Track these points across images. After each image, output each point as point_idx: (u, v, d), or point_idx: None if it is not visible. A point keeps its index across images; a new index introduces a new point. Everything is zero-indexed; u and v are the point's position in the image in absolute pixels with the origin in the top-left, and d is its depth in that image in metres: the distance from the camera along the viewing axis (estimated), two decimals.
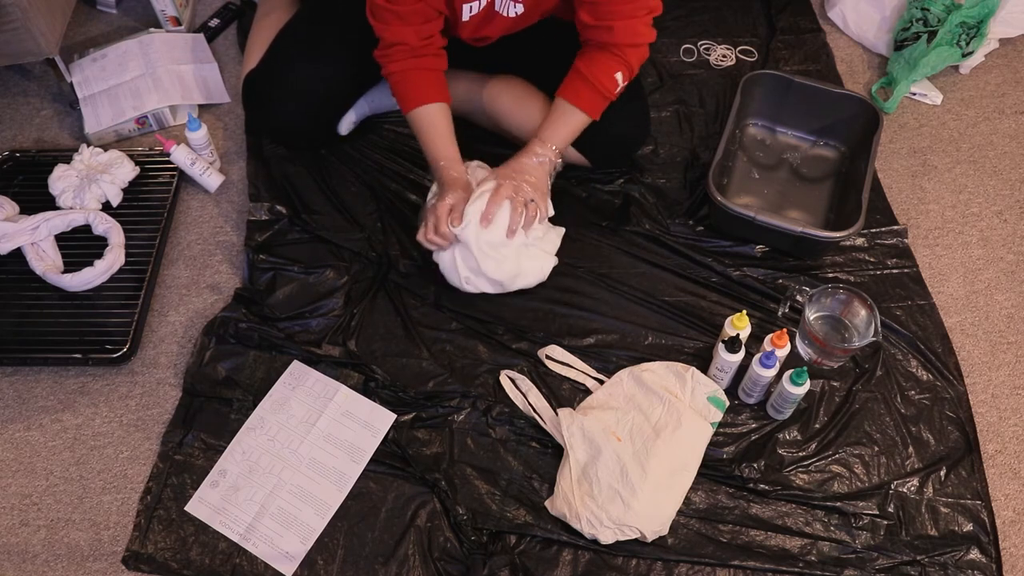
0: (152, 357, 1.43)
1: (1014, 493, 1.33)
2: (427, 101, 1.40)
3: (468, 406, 1.36)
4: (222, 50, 1.87)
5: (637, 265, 1.53)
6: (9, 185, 1.60)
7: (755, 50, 1.90)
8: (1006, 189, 1.69)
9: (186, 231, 1.59)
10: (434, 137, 1.41)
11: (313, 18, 1.57)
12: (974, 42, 1.77)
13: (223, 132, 1.74)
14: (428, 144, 1.42)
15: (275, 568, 1.22)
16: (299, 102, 1.53)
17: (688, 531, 1.26)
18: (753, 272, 1.52)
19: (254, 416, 1.35)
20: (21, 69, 1.83)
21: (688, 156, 1.69)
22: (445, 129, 1.42)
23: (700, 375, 1.35)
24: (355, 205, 1.59)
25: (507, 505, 1.27)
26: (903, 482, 1.31)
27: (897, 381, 1.41)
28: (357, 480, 1.29)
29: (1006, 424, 1.39)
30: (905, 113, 1.81)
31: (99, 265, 1.45)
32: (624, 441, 1.28)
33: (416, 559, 1.23)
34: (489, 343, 1.43)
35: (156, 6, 1.83)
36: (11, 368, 1.42)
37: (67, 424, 1.36)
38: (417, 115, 1.41)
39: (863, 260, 1.55)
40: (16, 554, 1.25)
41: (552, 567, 1.23)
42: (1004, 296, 1.54)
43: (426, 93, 1.40)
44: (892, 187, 1.68)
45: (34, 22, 1.52)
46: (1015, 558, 1.27)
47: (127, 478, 1.31)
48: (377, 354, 1.41)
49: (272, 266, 1.51)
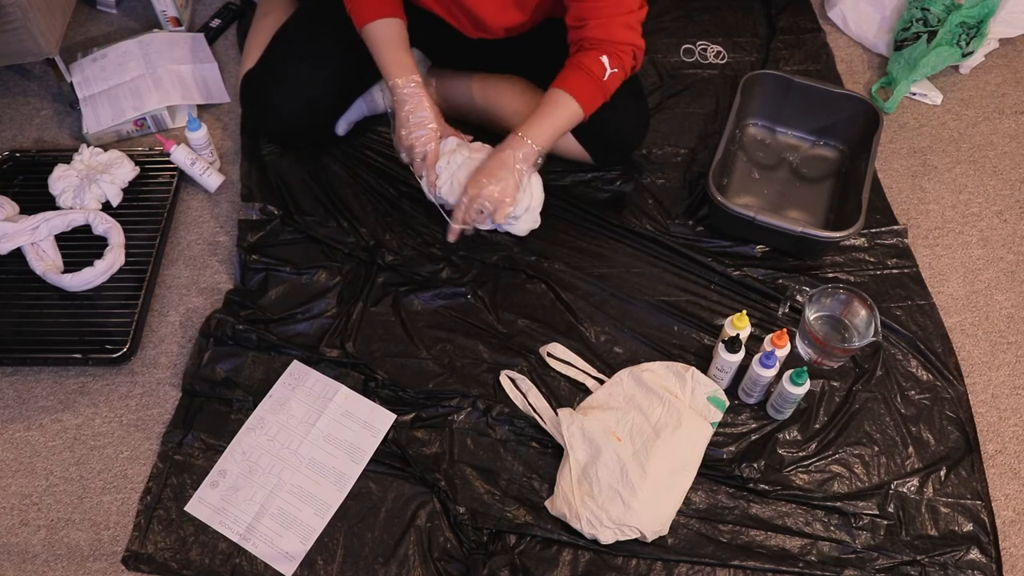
0: (152, 357, 1.43)
1: (1014, 493, 1.33)
2: (382, 15, 1.38)
3: (468, 406, 1.36)
4: (222, 50, 1.87)
5: (637, 265, 1.53)
6: (9, 185, 1.60)
7: (755, 50, 1.90)
8: (1006, 189, 1.69)
9: (186, 231, 1.59)
10: (391, 51, 1.39)
11: (311, 18, 1.57)
12: (974, 42, 1.77)
13: (223, 132, 1.74)
14: (383, 57, 1.40)
15: (275, 568, 1.22)
16: (297, 102, 1.53)
17: (688, 531, 1.26)
18: (753, 272, 1.52)
19: (254, 416, 1.35)
20: (21, 69, 1.83)
21: (688, 156, 1.69)
22: (401, 42, 1.39)
23: (700, 375, 1.35)
24: (350, 206, 1.58)
25: (507, 505, 1.27)
26: (903, 482, 1.31)
27: (897, 381, 1.41)
28: (357, 480, 1.29)
29: (1006, 424, 1.39)
30: (905, 113, 1.81)
31: (99, 265, 1.45)
32: (624, 441, 1.28)
33: (416, 559, 1.23)
34: (489, 342, 1.43)
35: (156, 6, 1.83)
36: (11, 368, 1.42)
37: (67, 424, 1.36)
38: (371, 29, 1.38)
39: (863, 260, 1.55)
40: (16, 554, 1.25)
41: (552, 567, 1.23)
42: (1004, 296, 1.54)
43: (379, 8, 1.38)
44: (892, 187, 1.68)
45: (34, 22, 1.52)
46: (1015, 558, 1.27)
47: (127, 478, 1.31)
48: (376, 354, 1.41)
49: (264, 267, 1.51)
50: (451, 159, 1.42)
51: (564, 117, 1.39)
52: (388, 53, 1.39)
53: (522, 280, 1.51)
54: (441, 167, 1.42)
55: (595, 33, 1.34)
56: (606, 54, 1.35)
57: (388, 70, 1.40)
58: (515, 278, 1.51)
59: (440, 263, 1.51)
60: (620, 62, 1.36)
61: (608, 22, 1.33)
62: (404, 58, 1.40)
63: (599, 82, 1.36)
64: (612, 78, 1.37)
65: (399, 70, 1.39)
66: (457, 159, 1.41)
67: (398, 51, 1.40)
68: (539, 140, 1.38)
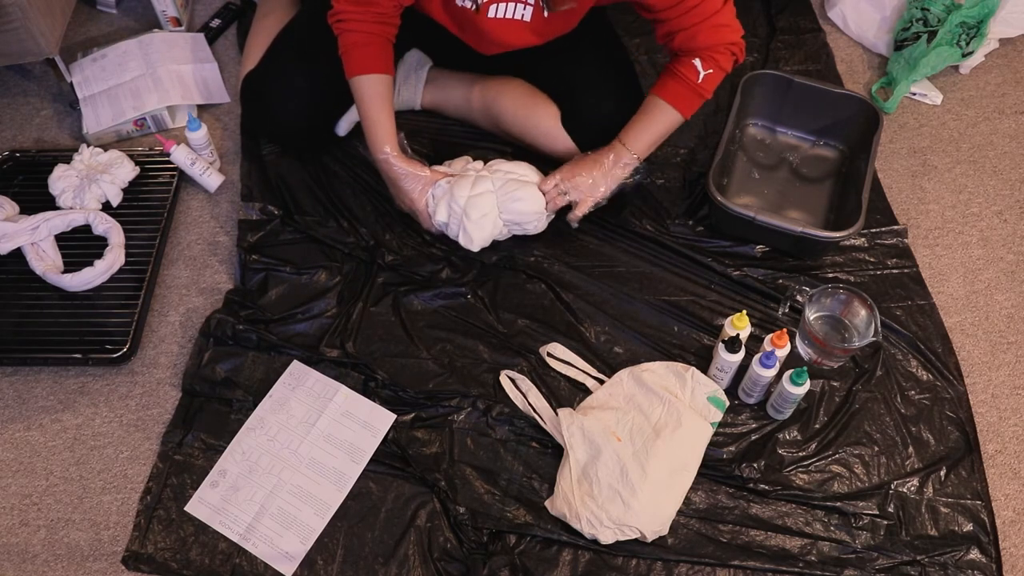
0: (152, 357, 1.43)
1: (1014, 493, 1.33)
2: (374, 71, 1.39)
3: (468, 406, 1.36)
4: (222, 50, 1.87)
5: (637, 265, 1.53)
6: (9, 185, 1.60)
7: (755, 50, 1.90)
8: (1006, 189, 1.69)
9: (186, 231, 1.59)
10: (379, 111, 1.40)
11: (313, 19, 1.56)
12: (974, 42, 1.77)
13: (223, 132, 1.74)
14: (369, 114, 1.41)
15: (275, 568, 1.22)
16: (297, 103, 1.53)
17: (688, 531, 1.26)
18: (753, 272, 1.52)
19: (254, 416, 1.35)
20: (21, 69, 1.83)
21: (688, 156, 1.69)
22: (387, 102, 1.41)
23: (700, 375, 1.35)
24: (350, 206, 1.58)
25: (507, 505, 1.27)
26: (903, 482, 1.31)
27: (897, 381, 1.41)
28: (357, 480, 1.29)
29: (1006, 424, 1.39)
30: (905, 113, 1.81)
31: (99, 265, 1.45)
32: (624, 441, 1.28)
33: (416, 559, 1.23)
34: (489, 343, 1.43)
35: (156, 6, 1.83)
36: (11, 368, 1.42)
37: (67, 424, 1.36)
38: (361, 83, 1.39)
39: (863, 260, 1.55)
40: (16, 554, 1.25)
41: (552, 567, 1.23)
42: (1004, 296, 1.54)
43: (374, 62, 1.39)
44: (892, 187, 1.68)
45: (34, 22, 1.52)
46: (1015, 558, 1.27)
47: (127, 478, 1.31)
48: (376, 354, 1.41)
49: (264, 267, 1.51)
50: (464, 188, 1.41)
51: (663, 124, 1.43)
52: (373, 111, 1.40)
53: (522, 280, 1.51)
54: (437, 195, 1.43)
55: (685, 45, 1.36)
56: (699, 58, 1.37)
57: (374, 131, 1.41)
58: (515, 278, 1.51)
59: (440, 263, 1.51)
60: (715, 63, 1.37)
61: (694, 32, 1.34)
62: (388, 122, 1.42)
63: (694, 86, 1.39)
64: (707, 80, 1.39)
65: (385, 137, 1.41)
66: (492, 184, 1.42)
67: (382, 111, 1.41)
68: (637, 148, 1.43)
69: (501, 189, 1.42)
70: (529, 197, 1.42)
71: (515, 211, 1.42)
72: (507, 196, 1.41)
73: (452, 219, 1.43)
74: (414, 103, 1.69)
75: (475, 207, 1.40)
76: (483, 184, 1.41)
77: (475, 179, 1.42)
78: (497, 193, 1.42)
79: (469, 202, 1.40)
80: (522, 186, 1.42)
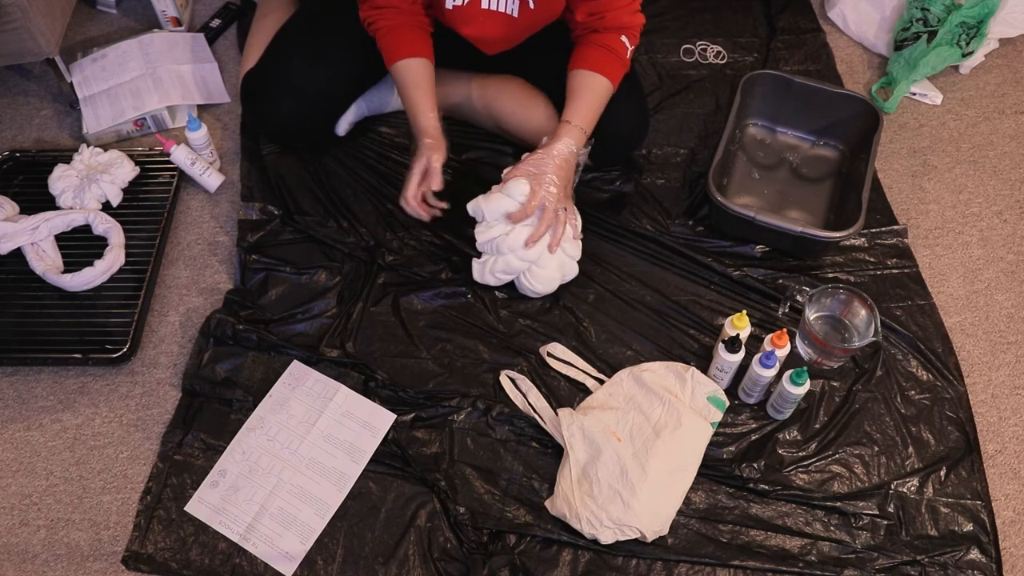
0: (152, 357, 1.43)
1: (1014, 493, 1.33)
2: (413, 55, 1.41)
3: (468, 406, 1.36)
4: (222, 50, 1.87)
5: (637, 265, 1.54)
6: (9, 185, 1.60)
7: (755, 50, 1.90)
8: (1006, 189, 1.69)
9: (186, 231, 1.59)
10: (417, 92, 1.42)
11: (312, 18, 1.57)
12: (974, 42, 1.77)
13: (223, 132, 1.74)
14: (411, 98, 1.42)
15: (275, 568, 1.22)
16: (297, 102, 1.53)
17: (688, 531, 1.26)
18: (753, 272, 1.52)
19: (254, 416, 1.35)
20: (21, 69, 1.83)
21: (688, 156, 1.69)
22: (428, 85, 1.43)
23: (700, 375, 1.35)
24: (350, 206, 1.58)
25: (507, 505, 1.27)
26: (903, 482, 1.31)
27: (897, 381, 1.41)
28: (357, 480, 1.29)
29: (1006, 424, 1.39)
30: (905, 113, 1.81)
31: (99, 265, 1.45)
32: (624, 441, 1.28)
33: (416, 559, 1.23)
34: (489, 343, 1.43)
35: (156, 6, 1.83)
36: (11, 368, 1.42)
37: (67, 424, 1.36)
38: (401, 67, 1.42)
39: (863, 260, 1.55)
40: (16, 554, 1.25)
41: (552, 567, 1.23)
42: (1004, 296, 1.54)
43: (412, 48, 1.42)
44: (892, 187, 1.68)
45: (34, 22, 1.52)
46: (1015, 558, 1.27)
47: (127, 478, 1.31)
48: (376, 354, 1.41)
49: (264, 267, 1.51)
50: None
51: (599, 96, 1.42)
52: (418, 92, 1.42)
53: None
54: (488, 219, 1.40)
55: (611, 23, 1.40)
56: (625, 35, 1.41)
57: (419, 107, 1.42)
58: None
59: (440, 263, 1.51)
60: (635, 39, 1.43)
61: (621, 12, 1.40)
62: (432, 112, 1.42)
63: (623, 59, 1.42)
64: (631, 54, 1.44)
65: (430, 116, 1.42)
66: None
67: (428, 94, 1.42)
68: (584, 121, 1.41)
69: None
70: (543, 263, 1.42)
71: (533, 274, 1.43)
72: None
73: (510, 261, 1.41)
74: None
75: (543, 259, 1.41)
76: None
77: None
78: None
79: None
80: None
